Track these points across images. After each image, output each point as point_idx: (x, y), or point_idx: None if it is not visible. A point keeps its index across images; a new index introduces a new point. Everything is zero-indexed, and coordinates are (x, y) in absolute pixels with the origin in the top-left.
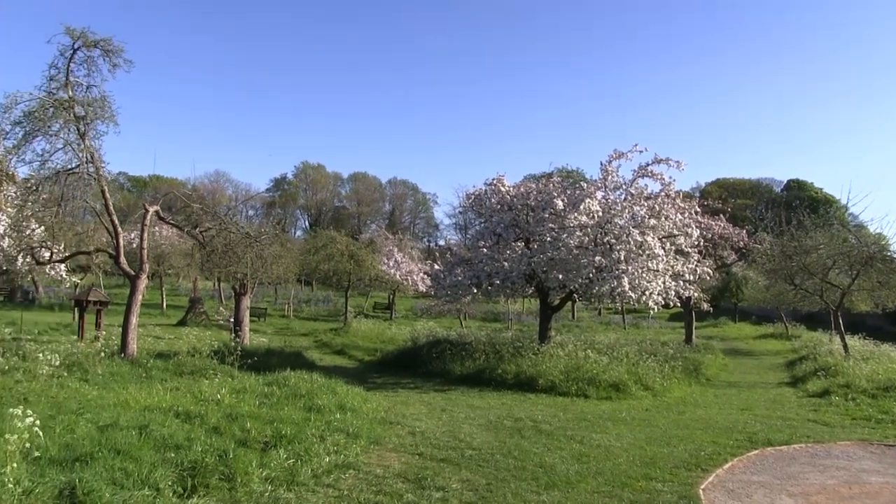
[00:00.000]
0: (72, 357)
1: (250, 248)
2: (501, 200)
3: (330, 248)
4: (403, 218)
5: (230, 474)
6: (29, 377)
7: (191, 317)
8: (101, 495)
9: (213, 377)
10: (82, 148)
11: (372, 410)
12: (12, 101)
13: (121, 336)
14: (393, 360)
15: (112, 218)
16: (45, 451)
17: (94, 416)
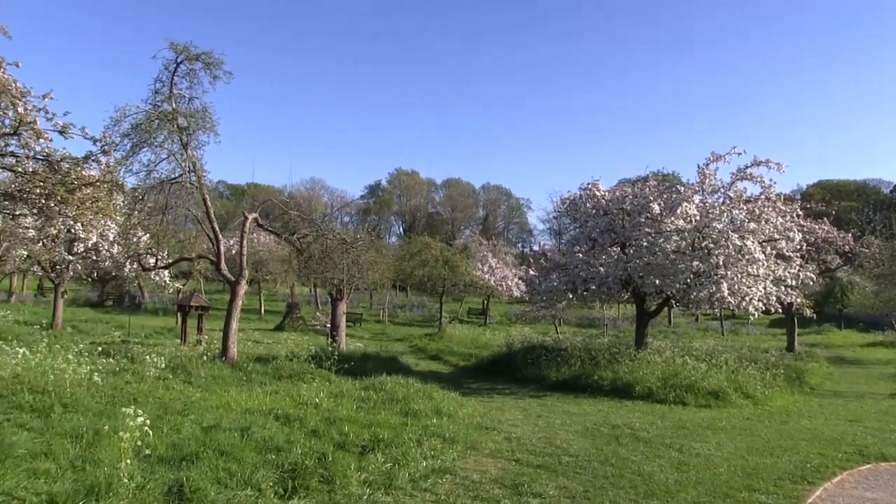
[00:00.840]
0: (176, 360)
1: (346, 254)
2: (596, 205)
3: (424, 253)
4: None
5: (329, 477)
6: (137, 378)
7: (288, 322)
8: (207, 493)
9: (311, 381)
10: (185, 158)
11: (468, 415)
12: (121, 115)
13: (222, 340)
14: (488, 365)
15: (213, 225)
16: (155, 450)
17: (198, 417)
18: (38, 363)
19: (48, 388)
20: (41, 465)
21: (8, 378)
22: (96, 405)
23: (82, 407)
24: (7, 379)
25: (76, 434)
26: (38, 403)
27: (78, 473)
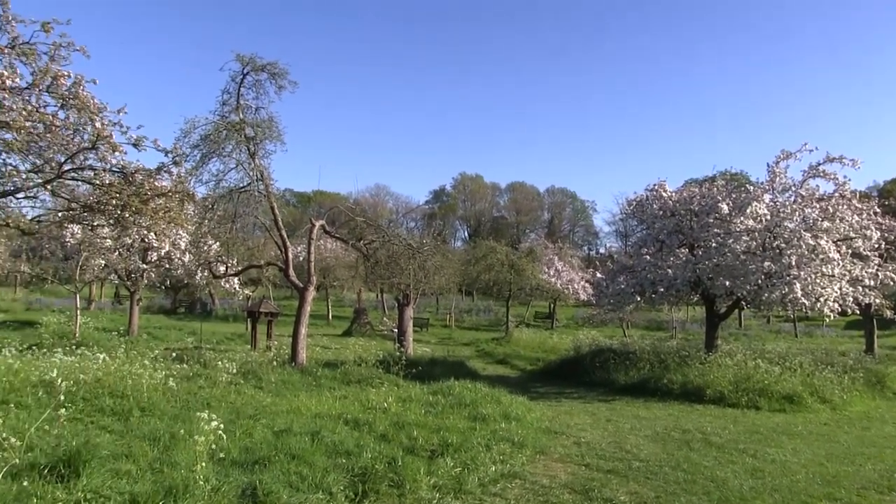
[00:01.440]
0: (247, 365)
1: (413, 260)
2: (663, 206)
3: (490, 258)
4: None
5: (399, 481)
6: (210, 383)
7: (356, 327)
8: (279, 497)
9: (379, 386)
10: (253, 167)
11: (536, 420)
12: (191, 126)
13: (291, 345)
14: (555, 369)
15: (281, 233)
16: (228, 453)
17: (269, 421)
18: (117, 368)
19: (127, 392)
20: (123, 466)
21: (90, 382)
22: (172, 409)
23: (159, 411)
24: (90, 383)
25: (154, 437)
26: (118, 407)
27: (156, 475)
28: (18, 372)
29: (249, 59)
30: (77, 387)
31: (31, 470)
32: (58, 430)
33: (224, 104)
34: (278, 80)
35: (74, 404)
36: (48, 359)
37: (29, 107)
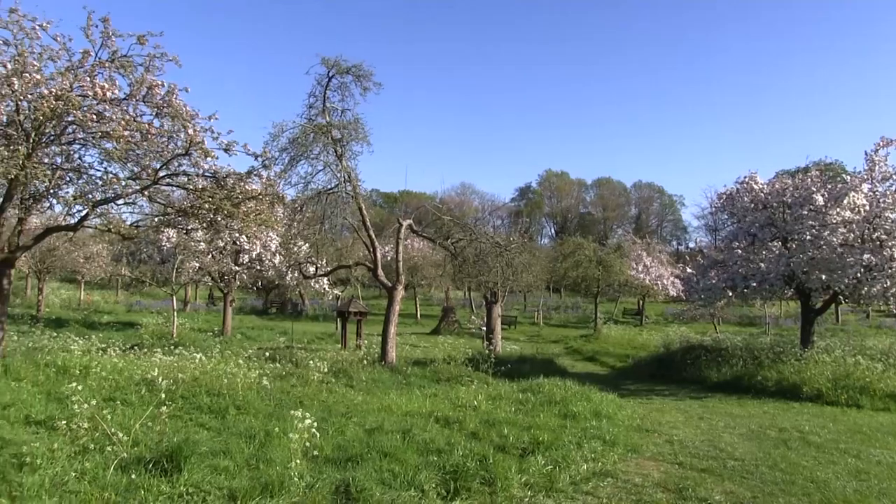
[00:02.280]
0: (337, 364)
1: (500, 258)
2: (755, 199)
3: (577, 254)
4: (650, 221)
5: (490, 479)
6: (302, 382)
7: (444, 325)
8: (372, 494)
9: (468, 384)
10: (340, 169)
11: (627, 418)
12: (279, 130)
13: (381, 344)
14: (645, 366)
15: (369, 233)
16: (322, 451)
17: (360, 419)
18: (214, 367)
19: (223, 390)
20: (221, 462)
21: (188, 381)
22: (266, 407)
23: (253, 409)
24: (188, 382)
25: (249, 434)
26: (214, 405)
27: (253, 471)
28: (122, 371)
29: (334, 62)
30: (176, 385)
31: (138, 464)
32: (160, 427)
33: (311, 107)
34: (363, 81)
35: (174, 402)
36: (149, 358)
37: (127, 116)
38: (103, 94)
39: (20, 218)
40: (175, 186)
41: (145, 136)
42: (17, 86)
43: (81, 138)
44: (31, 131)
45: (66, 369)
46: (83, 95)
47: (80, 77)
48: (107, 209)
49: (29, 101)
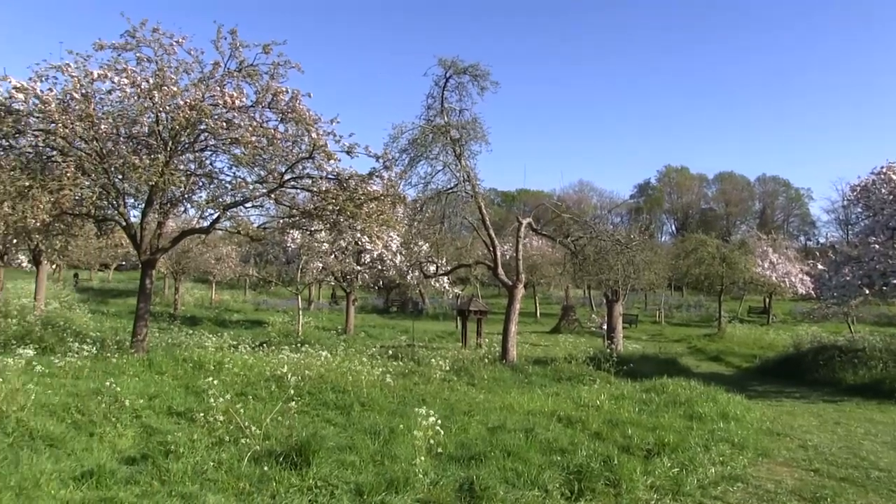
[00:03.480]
0: (459, 362)
1: (621, 255)
2: (894, 190)
3: (700, 251)
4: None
5: (615, 480)
6: (424, 380)
7: (564, 324)
8: (496, 492)
9: (590, 383)
10: (459, 168)
11: (756, 420)
12: (398, 132)
13: (501, 343)
14: (773, 367)
15: (489, 231)
16: (445, 448)
17: (483, 418)
18: (338, 365)
19: (348, 387)
20: (347, 457)
21: (315, 378)
22: (389, 404)
23: (377, 406)
24: (314, 378)
25: (374, 431)
26: (339, 401)
27: (378, 467)
28: (253, 367)
29: (451, 63)
30: (303, 381)
31: (269, 456)
32: (289, 422)
33: (429, 108)
34: (480, 81)
35: (301, 398)
36: (276, 355)
37: (254, 123)
38: (232, 103)
39: (159, 222)
40: (300, 189)
41: (271, 141)
42: (157, 98)
43: (213, 145)
44: (168, 140)
45: (201, 364)
46: (214, 104)
47: (211, 87)
48: (236, 212)
49: (167, 112)
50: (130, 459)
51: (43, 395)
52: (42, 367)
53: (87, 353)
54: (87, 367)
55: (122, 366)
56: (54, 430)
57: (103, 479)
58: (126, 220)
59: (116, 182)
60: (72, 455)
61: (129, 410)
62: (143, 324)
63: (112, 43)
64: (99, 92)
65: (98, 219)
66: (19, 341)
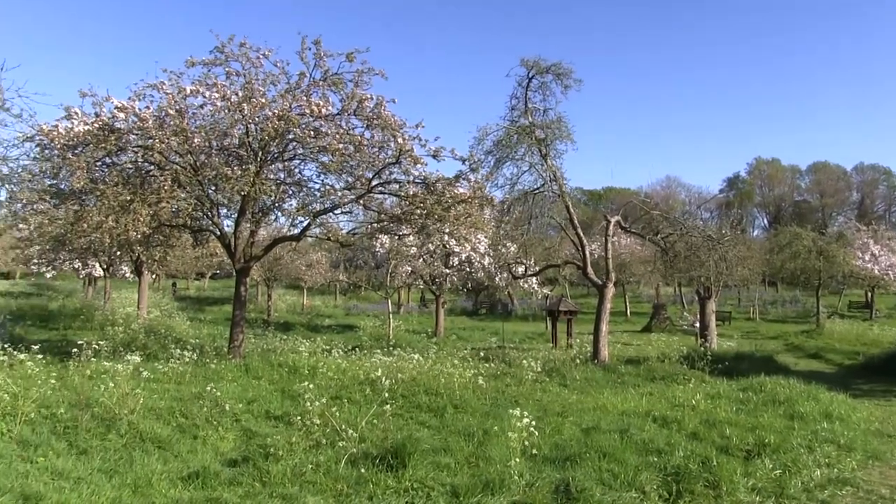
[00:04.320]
0: (550, 363)
1: (713, 251)
2: None
3: (795, 245)
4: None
5: (715, 482)
6: (516, 381)
7: (655, 323)
8: (592, 494)
9: (684, 382)
10: (545, 168)
11: (863, 420)
12: (483, 134)
13: (592, 343)
14: (880, 364)
15: (577, 231)
16: (540, 450)
17: (576, 418)
18: (430, 368)
19: (440, 390)
20: (441, 459)
21: (407, 381)
22: (482, 406)
23: (470, 408)
24: (407, 382)
25: (467, 433)
26: (432, 404)
27: (473, 469)
28: (346, 371)
29: (534, 63)
30: (396, 385)
31: (365, 458)
32: (384, 424)
33: (513, 109)
34: (563, 80)
35: (395, 401)
36: (369, 359)
37: (340, 130)
38: (319, 111)
39: (251, 231)
40: (387, 194)
41: (358, 147)
42: (246, 111)
43: (301, 154)
44: (258, 151)
45: (296, 369)
46: (301, 114)
47: (298, 97)
48: (326, 219)
49: (256, 124)
50: (232, 461)
51: (150, 399)
52: (148, 372)
53: (188, 360)
54: (188, 372)
55: (221, 371)
56: (161, 432)
57: (208, 479)
58: (220, 229)
59: (210, 193)
60: (178, 456)
61: (230, 414)
62: (239, 330)
63: (202, 59)
64: (192, 107)
65: (194, 229)
66: (126, 348)
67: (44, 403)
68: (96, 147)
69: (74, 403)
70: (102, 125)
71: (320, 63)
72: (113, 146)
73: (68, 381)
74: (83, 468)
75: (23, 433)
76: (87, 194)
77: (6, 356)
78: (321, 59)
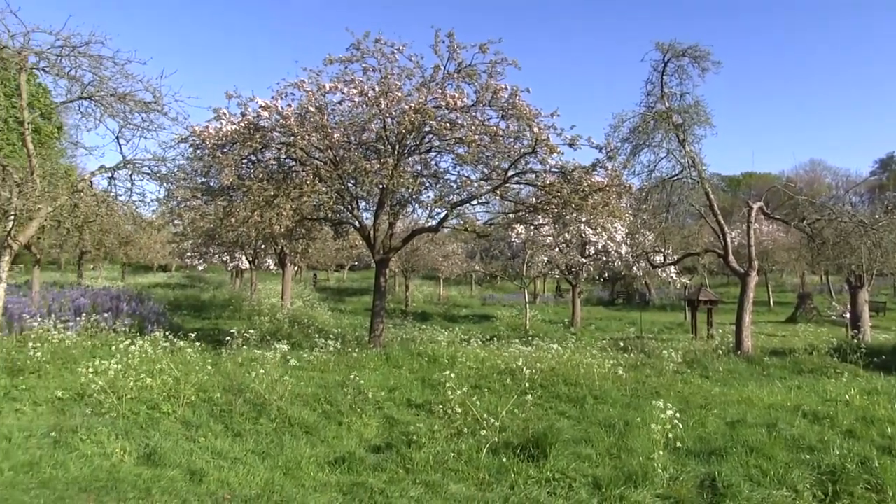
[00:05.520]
0: (690, 354)
1: (865, 237)
2: None
3: None
4: None
5: (877, 485)
6: (656, 372)
7: (801, 313)
8: (740, 490)
9: (836, 376)
10: (683, 154)
11: None
12: (619, 121)
13: (735, 333)
14: None
15: (718, 218)
16: (683, 443)
17: (720, 412)
18: (569, 358)
19: (579, 380)
20: (582, 450)
21: (546, 371)
22: (622, 397)
23: (610, 398)
24: (546, 372)
25: (608, 424)
26: (572, 394)
27: (614, 461)
28: (485, 360)
29: (669, 46)
30: (535, 374)
31: (506, 448)
32: (525, 414)
33: (649, 94)
34: (701, 62)
35: (534, 390)
36: (507, 349)
37: (476, 121)
38: (454, 103)
39: (390, 223)
40: (524, 184)
41: (494, 138)
42: (383, 105)
43: (437, 146)
44: (395, 144)
45: (435, 359)
46: (437, 106)
47: (433, 90)
48: (463, 209)
49: (393, 118)
50: (376, 448)
51: (297, 386)
52: (294, 360)
53: (331, 349)
54: (331, 360)
55: (363, 360)
56: (308, 418)
57: (354, 465)
58: (360, 222)
59: (350, 187)
60: (325, 441)
61: (372, 402)
62: (379, 320)
63: (339, 56)
64: (331, 103)
65: (335, 222)
66: (272, 337)
67: (201, 388)
68: (243, 145)
69: (228, 389)
70: (248, 124)
71: (454, 55)
72: (258, 144)
73: (222, 368)
74: (238, 449)
75: (185, 414)
76: (235, 190)
77: (168, 343)
78: (455, 52)
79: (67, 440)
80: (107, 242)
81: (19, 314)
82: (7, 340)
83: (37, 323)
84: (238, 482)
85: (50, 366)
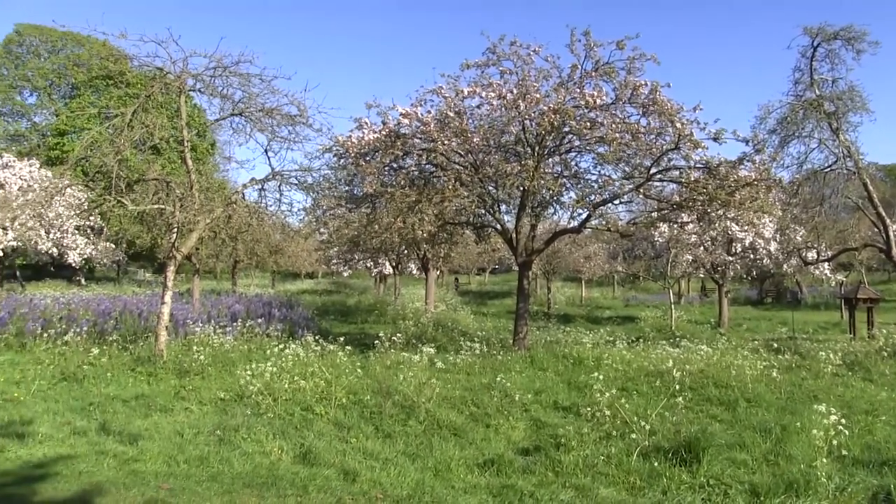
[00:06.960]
0: (850, 356)
1: None
2: None
3: None
4: None
5: None
6: (812, 375)
7: None
8: None
9: None
10: (837, 144)
11: None
12: (765, 112)
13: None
14: None
15: (878, 210)
16: (849, 451)
17: (889, 418)
18: (719, 359)
19: (731, 382)
20: (737, 455)
21: (695, 373)
22: (777, 401)
23: (764, 402)
24: (695, 374)
25: (763, 428)
26: (723, 397)
27: (772, 467)
28: (631, 362)
29: (819, 30)
30: (684, 376)
31: (657, 452)
32: (676, 417)
33: (797, 82)
34: (855, 44)
35: (683, 393)
36: (653, 350)
37: (616, 119)
38: (593, 102)
39: (532, 225)
40: (667, 181)
41: (635, 136)
42: (522, 107)
43: (577, 146)
44: (535, 146)
45: (580, 360)
46: (576, 106)
47: (571, 89)
48: (605, 209)
49: (531, 119)
50: (524, 450)
51: (444, 388)
52: (440, 363)
53: (476, 351)
54: (477, 363)
55: (508, 363)
56: (456, 420)
57: (503, 467)
58: (501, 225)
59: (491, 190)
60: (473, 444)
61: (518, 404)
62: (523, 322)
63: (476, 61)
64: (469, 108)
65: (476, 226)
66: (417, 340)
67: (351, 390)
68: (384, 153)
69: (377, 391)
70: (389, 132)
71: (591, 53)
72: (399, 151)
73: (370, 371)
74: (389, 450)
75: (337, 416)
76: (378, 197)
77: (318, 347)
78: (591, 50)
79: (230, 438)
80: (258, 251)
81: (183, 320)
82: (175, 344)
83: (198, 328)
84: (390, 482)
85: (212, 368)
